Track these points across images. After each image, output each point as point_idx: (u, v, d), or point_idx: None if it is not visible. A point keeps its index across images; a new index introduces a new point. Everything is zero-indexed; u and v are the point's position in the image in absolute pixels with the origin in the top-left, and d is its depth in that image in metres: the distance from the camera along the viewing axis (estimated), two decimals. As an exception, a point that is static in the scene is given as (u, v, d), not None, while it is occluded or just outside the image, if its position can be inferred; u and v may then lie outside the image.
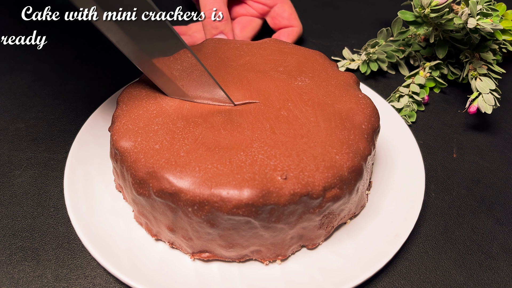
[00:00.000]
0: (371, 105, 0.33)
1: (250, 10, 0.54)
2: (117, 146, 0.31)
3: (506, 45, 0.49)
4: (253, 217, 0.28)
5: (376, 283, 0.33)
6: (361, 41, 0.57)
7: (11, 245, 0.35)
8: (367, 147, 0.31)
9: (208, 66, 0.37)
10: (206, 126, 0.31)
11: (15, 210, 0.37)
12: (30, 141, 0.43)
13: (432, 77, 0.49)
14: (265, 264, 0.32)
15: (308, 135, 0.31)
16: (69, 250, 0.34)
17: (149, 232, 0.33)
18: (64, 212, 0.37)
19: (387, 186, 0.37)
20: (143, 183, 0.29)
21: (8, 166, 0.41)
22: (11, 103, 0.47)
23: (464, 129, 0.46)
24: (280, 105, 0.33)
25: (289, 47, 0.39)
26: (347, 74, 0.37)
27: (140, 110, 0.33)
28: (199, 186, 0.27)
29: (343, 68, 0.52)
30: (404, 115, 0.46)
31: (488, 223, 0.37)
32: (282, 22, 0.53)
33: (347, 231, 0.34)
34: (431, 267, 0.34)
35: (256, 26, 0.55)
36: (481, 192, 0.40)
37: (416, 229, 0.36)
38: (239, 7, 0.55)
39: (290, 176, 0.28)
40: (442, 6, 0.42)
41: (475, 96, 0.44)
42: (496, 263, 0.34)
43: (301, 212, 0.29)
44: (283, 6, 0.53)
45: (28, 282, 0.32)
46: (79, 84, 0.50)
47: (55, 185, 0.39)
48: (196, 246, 0.31)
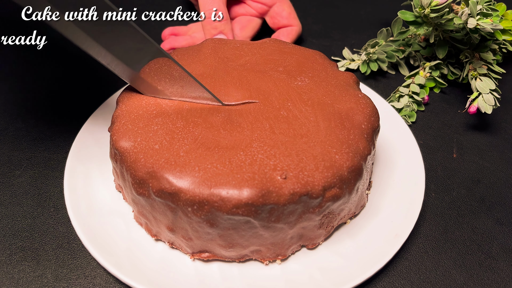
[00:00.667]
0: (371, 105, 0.33)
1: (249, 10, 0.54)
2: (116, 146, 0.31)
3: (506, 45, 0.49)
4: (253, 217, 0.28)
5: (376, 283, 0.33)
6: (361, 41, 0.57)
7: (11, 245, 0.35)
8: (366, 147, 0.31)
9: (207, 66, 0.37)
10: (206, 126, 0.31)
11: (15, 210, 0.37)
12: (30, 141, 0.43)
13: (432, 77, 0.49)
14: (265, 264, 0.32)
15: (308, 134, 0.31)
16: (69, 250, 0.34)
17: (149, 232, 0.33)
18: (64, 212, 0.37)
19: (387, 186, 0.37)
20: (143, 183, 0.29)
21: (8, 166, 0.41)
22: (11, 103, 0.47)
23: (464, 129, 0.46)
24: (280, 105, 0.33)
25: (289, 47, 0.40)
26: (347, 74, 0.37)
27: (140, 111, 0.33)
28: (198, 186, 0.27)
29: (343, 68, 0.52)
30: (404, 115, 0.46)
31: (488, 223, 0.37)
32: (281, 22, 0.53)
33: (347, 231, 0.34)
34: (431, 267, 0.34)
35: (256, 26, 0.55)
36: (481, 192, 0.40)
37: (416, 229, 0.36)
38: (238, 6, 0.55)
39: (289, 175, 0.28)
40: (442, 6, 0.42)
41: (475, 96, 0.44)
42: (496, 263, 0.34)
43: (301, 211, 0.29)
44: (282, 6, 0.53)
45: (28, 282, 0.32)
46: (79, 84, 0.50)
47: (55, 185, 0.39)
48: (196, 246, 0.31)
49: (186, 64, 0.37)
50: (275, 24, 0.54)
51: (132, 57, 0.30)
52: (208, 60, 0.38)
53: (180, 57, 0.38)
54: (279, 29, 0.54)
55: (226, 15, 0.49)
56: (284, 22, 0.53)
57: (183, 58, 0.38)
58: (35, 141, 0.43)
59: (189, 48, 0.39)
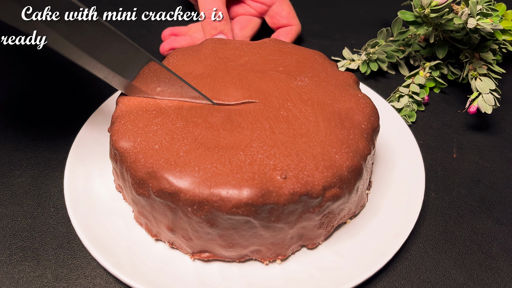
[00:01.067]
0: (371, 105, 0.33)
1: (249, 10, 0.54)
2: (116, 146, 0.31)
3: (506, 45, 0.49)
4: (253, 217, 0.28)
5: (376, 283, 0.33)
6: (361, 41, 0.57)
7: (11, 245, 0.35)
8: (366, 147, 0.31)
9: (207, 66, 0.37)
10: (206, 126, 0.31)
11: (15, 210, 0.37)
12: (30, 141, 0.43)
13: (432, 77, 0.49)
14: (265, 264, 0.32)
15: (308, 134, 0.31)
16: (69, 250, 0.34)
17: (149, 232, 0.33)
18: (64, 212, 0.37)
19: (387, 186, 0.37)
20: (143, 183, 0.29)
21: (8, 166, 0.41)
22: (11, 103, 0.47)
23: (464, 129, 0.46)
24: (280, 105, 0.33)
25: (289, 47, 0.40)
26: (347, 74, 0.37)
27: (140, 111, 0.33)
28: (198, 186, 0.27)
29: (343, 68, 0.52)
30: (404, 115, 0.46)
31: (488, 223, 0.37)
32: (281, 21, 0.53)
33: (347, 231, 0.34)
34: (431, 267, 0.34)
35: (256, 25, 0.55)
36: (481, 192, 0.40)
37: (416, 229, 0.36)
38: (238, 6, 0.55)
39: (289, 175, 0.28)
40: (442, 6, 0.42)
41: (475, 96, 0.43)
42: (496, 263, 0.34)
43: (301, 211, 0.29)
44: (282, 5, 0.53)
45: (28, 282, 0.32)
46: (79, 84, 0.50)
47: (55, 185, 0.39)
48: (196, 246, 0.31)
49: (186, 64, 0.37)
50: (275, 24, 0.54)
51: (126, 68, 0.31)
52: (208, 60, 0.38)
53: (180, 57, 0.38)
54: (279, 29, 0.54)
55: (226, 15, 0.49)
56: (283, 22, 0.53)
57: (183, 58, 0.38)
58: (35, 141, 0.43)
59: (189, 48, 0.39)
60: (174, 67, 0.37)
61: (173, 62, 0.37)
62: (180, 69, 0.37)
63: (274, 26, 0.54)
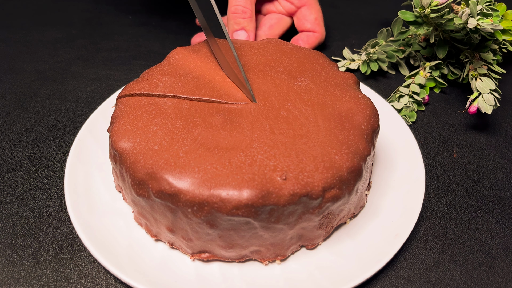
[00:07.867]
0: (371, 106, 0.33)
1: (280, 8, 0.54)
2: (116, 147, 0.31)
3: (506, 45, 0.49)
4: (253, 218, 0.28)
5: (376, 283, 0.33)
6: (361, 41, 0.57)
7: (11, 244, 0.35)
8: (366, 148, 0.31)
9: (208, 66, 0.37)
10: (205, 126, 0.31)
11: (16, 210, 0.37)
12: (30, 141, 0.43)
13: (432, 77, 0.49)
14: (265, 264, 0.32)
15: (308, 135, 0.31)
16: (70, 249, 0.34)
17: (149, 232, 0.33)
18: (65, 211, 0.37)
19: (387, 186, 0.37)
20: (143, 184, 0.29)
21: (8, 166, 0.41)
22: (11, 103, 0.47)
23: (464, 129, 0.46)
24: (280, 105, 0.33)
25: (289, 47, 0.39)
26: (347, 74, 0.37)
27: (139, 111, 0.33)
28: (198, 187, 0.27)
29: (343, 68, 0.52)
30: (404, 115, 0.46)
31: (488, 223, 0.37)
32: (305, 25, 0.52)
33: (346, 231, 0.34)
34: (431, 267, 0.34)
35: (285, 25, 0.54)
36: (481, 192, 0.40)
37: (416, 229, 0.36)
38: (270, 4, 0.54)
39: (289, 176, 0.28)
40: (442, 6, 0.42)
41: (475, 96, 0.43)
42: (496, 263, 0.34)
43: (301, 212, 0.29)
44: (311, 9, 0.52)
45: (28, 282, 0.32)
46: (79, 84, 0.50)
47: (55, 185, 0.39)
48: (196, 247, 0.31)
49: (186, 63, 0.37)
50: (300, 27, 0.53)
51: None
52: (208, 60, 0.38)
53: (181, 56, 0.38)
54: (301, 32, 0.53)
55: (252, 13, 0.48)
56: (308, 26, 0.52)
57: (183, 58, 0.38)
58: (35, 141, 0.43)
59: (189, 48, 0.39)
60: (174, 67, 0.37)
61: (174, 61, 0.37)
62: (180, 68, 0.37)
63: (299, 29, 0.54)
